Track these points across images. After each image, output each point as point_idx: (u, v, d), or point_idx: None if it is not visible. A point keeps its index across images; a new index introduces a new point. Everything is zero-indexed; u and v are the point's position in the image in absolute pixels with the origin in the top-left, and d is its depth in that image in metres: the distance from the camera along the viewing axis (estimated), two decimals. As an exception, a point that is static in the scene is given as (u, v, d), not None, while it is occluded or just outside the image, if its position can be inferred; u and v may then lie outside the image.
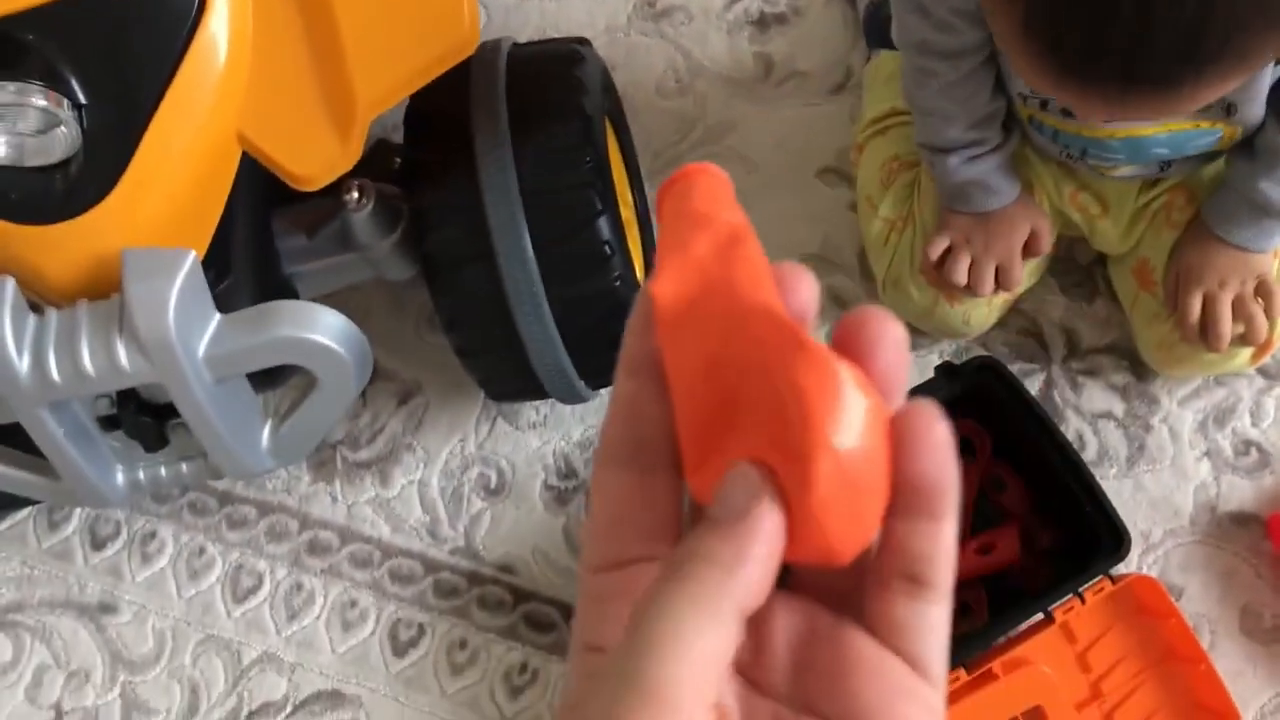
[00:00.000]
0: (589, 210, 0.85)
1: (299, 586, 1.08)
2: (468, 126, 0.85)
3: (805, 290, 0.28)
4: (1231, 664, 0.91)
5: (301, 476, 1.11)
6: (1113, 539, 0.85)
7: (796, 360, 0.26)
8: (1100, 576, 0.86)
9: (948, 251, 0.93)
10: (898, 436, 0.27)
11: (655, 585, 0.26)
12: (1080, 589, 0.85)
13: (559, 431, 1.07)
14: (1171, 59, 0.60)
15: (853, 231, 1.08)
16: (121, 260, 0.74)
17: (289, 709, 1.04)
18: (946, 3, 0.81)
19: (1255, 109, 0.81)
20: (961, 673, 0.84)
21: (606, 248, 0.85)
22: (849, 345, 0.27)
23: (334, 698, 1.04)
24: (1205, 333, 0.90)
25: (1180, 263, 0.91)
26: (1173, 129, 0.84)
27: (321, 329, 0.77)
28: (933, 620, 0.28)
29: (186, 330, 0.74)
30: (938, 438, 0.27)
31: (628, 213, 1.04)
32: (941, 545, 0.28)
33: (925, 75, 0.86)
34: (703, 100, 1.16)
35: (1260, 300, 0.90)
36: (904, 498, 0.27)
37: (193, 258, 0.74)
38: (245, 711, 1.04)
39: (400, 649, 1.04)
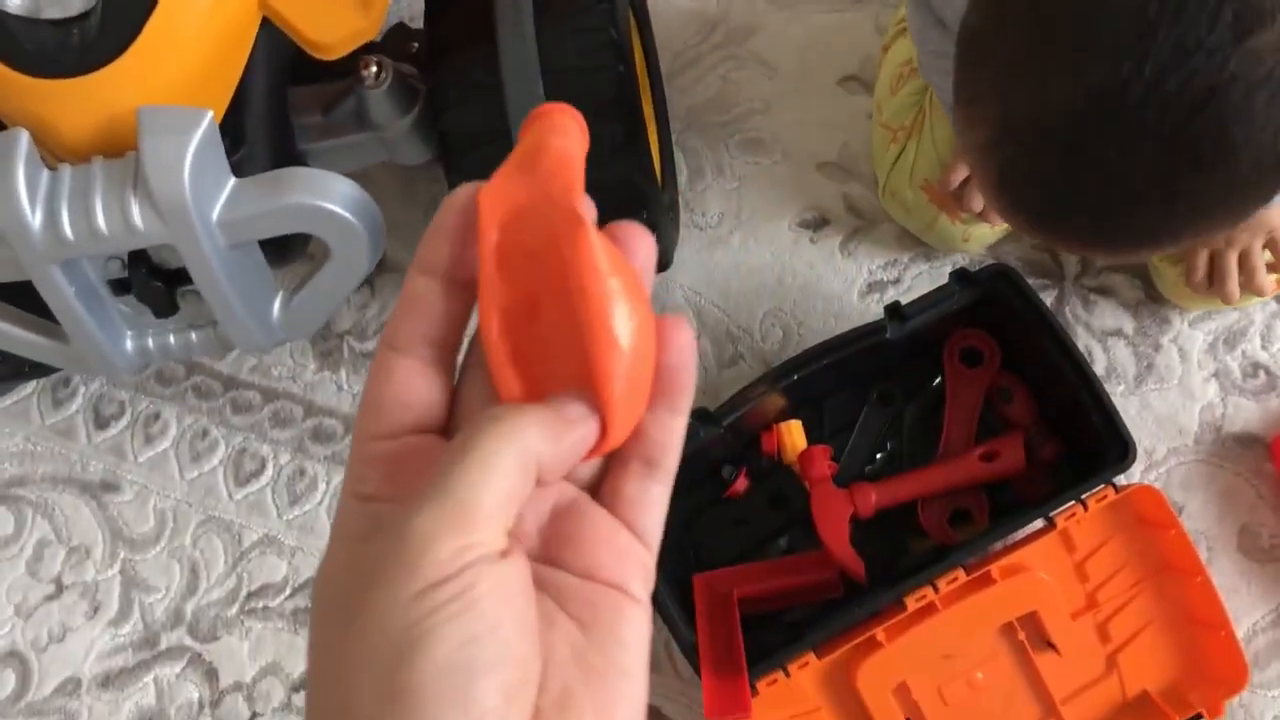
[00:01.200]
0: (610, 92, 0.83)
1: (302, 472, 1.08)
2: (489, 3, 0.84)
3: (644, 252, 0.33)
4: (1227, 581, 0.92)
5: (307, 365, 1.11)
6: (1118, 448, 0.85)
7: (588, 293, 0.30)
8: (1103, 484, 0.86)
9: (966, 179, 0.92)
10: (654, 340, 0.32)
11: (484, 424, 0.30)
12: (1083, 496, 0.86)
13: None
14: (1132, 242, 0.58)
15: (870, 141, 1.07)
16: (137, 118, 0.73)
17: (288, 591, 1.05)
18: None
19: None
20: (960, 574, 0.85)
21: (624, 135, 0.84)
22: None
23: (333, 582, 1.04)
24: (1213, 287, 0.92)
25: None
26: None
27: (336, 197, 0.76)
28: (655, 496, 0.33)
29: (201, 191, 0.73)
30: (683, 342, 0.33)
31: (647, 108, 1.03)
32: (675, 435, 0.33)
33: (943, 73, 0.82)
34: (726, 2, 1.14)
35: (1269, 254, 0.90)
36: (653, 393, 0.32)
37: (209, 117, 0.73)
38: (244, 592, 1.05)
39: (401, 537, 1.04)
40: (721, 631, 0.88)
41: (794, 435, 0.93)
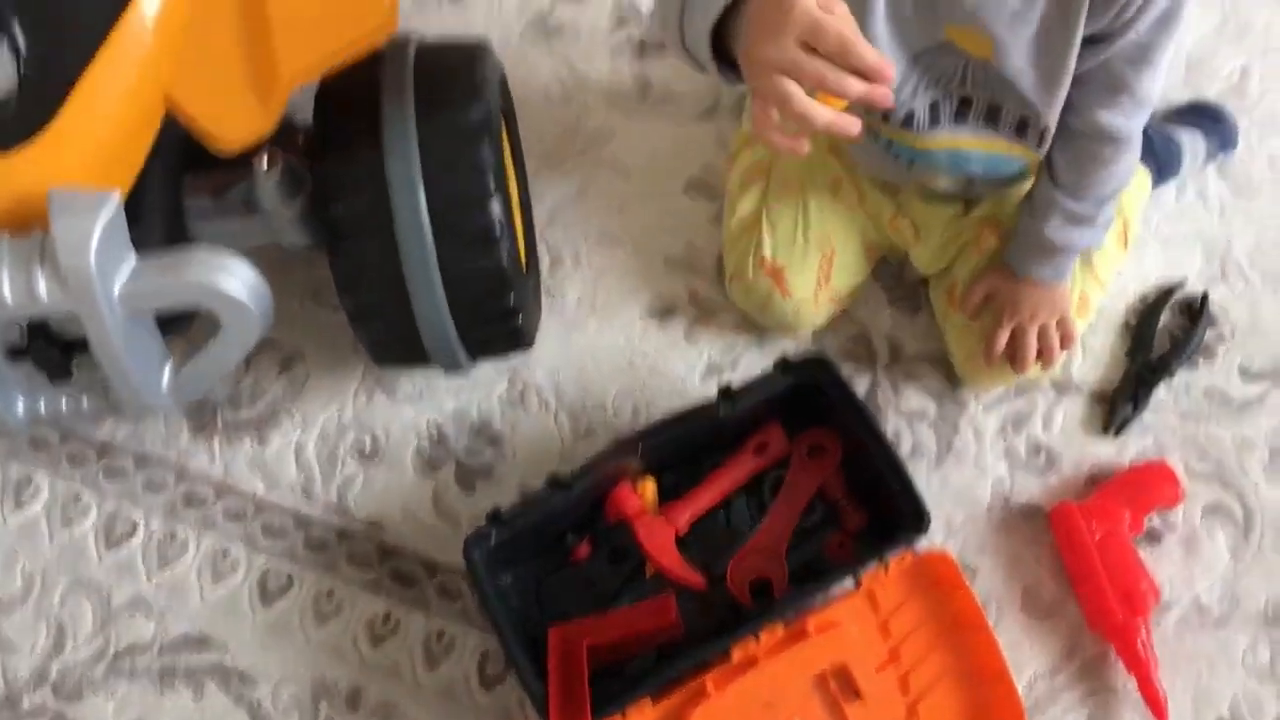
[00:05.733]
0: (483, 191, 0.94)
1: (172, 535, 1.13)
2: (377, 107, 0.94)
3: None
4: (1012, 636, 1.05)
5: (181, 433, 1.16)
6: (916, 516, 0.98)
7: None
8: (903, 549, 0.98)
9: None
10: None
11: None
12: (885, 558, 0.98)
13: (433, 403, 1.16)
14: None
15: (712, 240, 1.20)
16: (48, 199, 0.80)
17: (156, 649, 1.09)
18: None
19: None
20: (779, 628, 0.96)
21: (496, 226, 0.95)
22: None
23: (201, 641, 1.09)
24: (1012, 359, 1.08)
25: (996, 299, 1.08)
26: (989, 149, 1.00)
27: (232, 278, 0.84)
28: None
29: (105, 267, 0.80)
30: None
31: (514, 200, 1.13)
32: None
33: None
34: (586, 110, 1.27)
35: (1059, 333, 1.08)
36: None
37: (116, 199, 0.80)
38: (112, 652, 1.09)
39: (269, 597, 1.10)
40: (570, 680, 0.96)
41: (649, 493, 1.04)
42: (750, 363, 1.16)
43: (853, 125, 0.70)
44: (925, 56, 0.92)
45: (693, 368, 1.16)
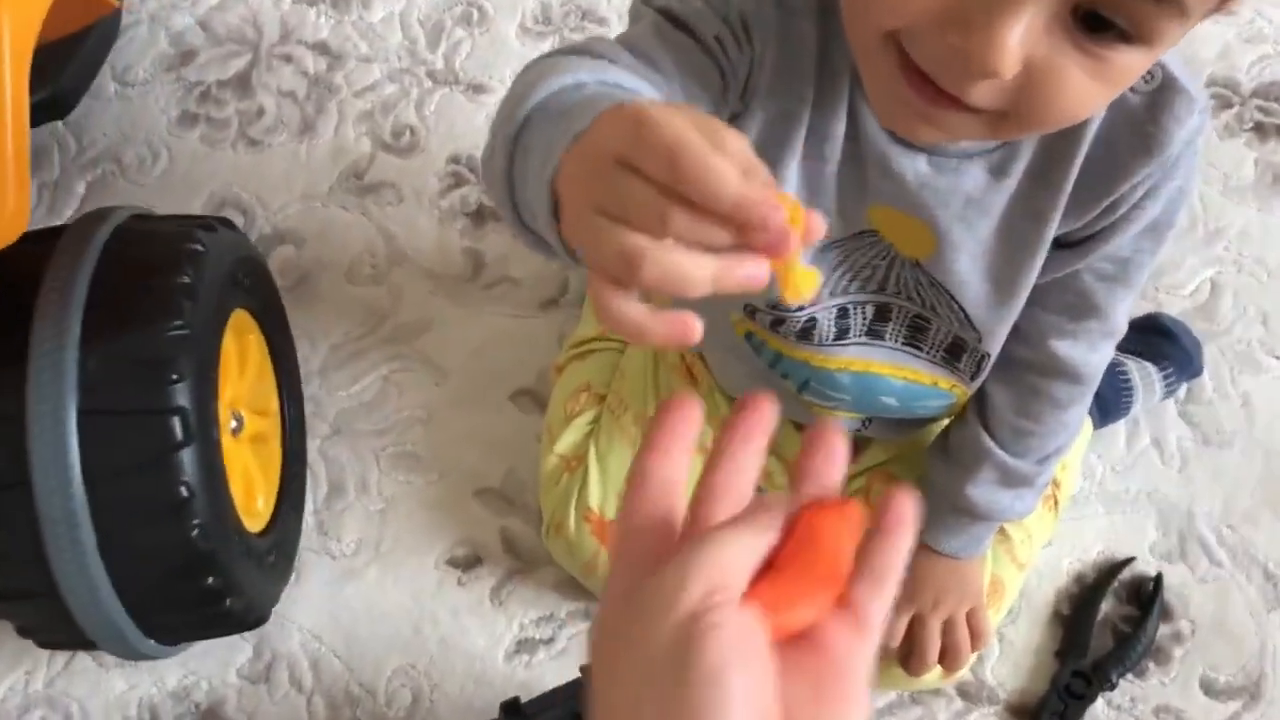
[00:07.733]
0: (167, 441, 0.68)
1: None
2: (29, 317, 0.68)
3: None
4: None
5: None
6: None
7: None
8: None
9: None
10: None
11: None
12: None
13: (152, 675, 0.88)
14: None
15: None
16: None
17: None
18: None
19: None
20: None
21: (184, 489, 0.69)
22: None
23: None
24: (908, 659, 0.83)
25: None
26: (910, 379, 0.74)
27: None
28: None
29: None
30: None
31: (268, 423, 0.88)
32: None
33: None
34: (399, 292, 1.01)
35: (968, 627, 0.84)
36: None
37: None
38: None
39: None
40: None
41: None
42: (573, 639, 0.90)
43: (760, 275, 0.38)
44: (837, 247, 0.67)
45: (498, 641, 0.90)
